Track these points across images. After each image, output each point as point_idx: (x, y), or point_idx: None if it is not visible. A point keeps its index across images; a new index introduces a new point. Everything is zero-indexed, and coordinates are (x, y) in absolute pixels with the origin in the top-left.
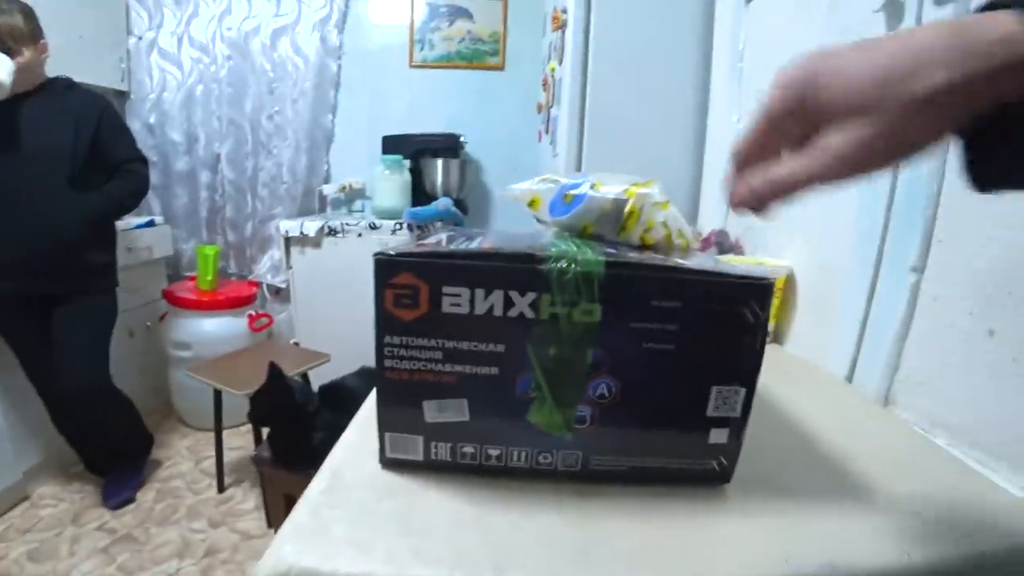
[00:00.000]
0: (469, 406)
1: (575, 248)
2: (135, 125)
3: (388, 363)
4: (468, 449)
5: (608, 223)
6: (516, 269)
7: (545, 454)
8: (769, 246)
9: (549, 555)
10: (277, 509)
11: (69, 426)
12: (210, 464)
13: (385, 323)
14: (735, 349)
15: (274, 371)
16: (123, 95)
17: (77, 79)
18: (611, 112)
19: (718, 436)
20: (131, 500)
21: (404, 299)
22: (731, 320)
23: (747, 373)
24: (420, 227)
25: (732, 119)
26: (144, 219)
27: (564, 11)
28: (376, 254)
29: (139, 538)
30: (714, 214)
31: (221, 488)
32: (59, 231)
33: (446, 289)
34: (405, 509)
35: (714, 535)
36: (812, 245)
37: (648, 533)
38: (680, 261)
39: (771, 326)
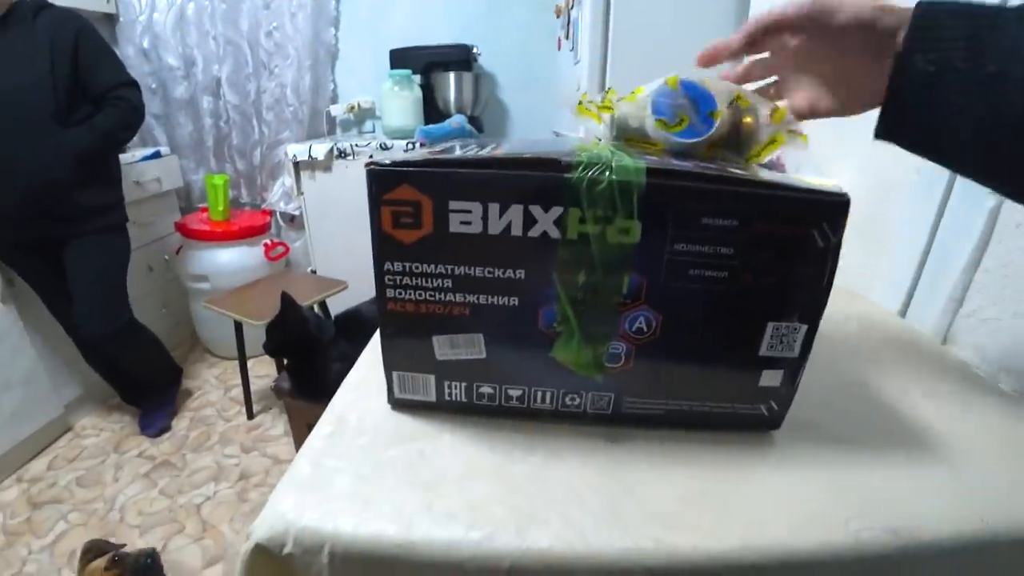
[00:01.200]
0: (485, 341)
1: (609, 153)
2: (128, 51)
3: (390, 293)
4: (486, 389)
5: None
6: (538, 179)
7: (572, 395)
8: (815, 162)
9: (576, 512)
10: (302, 437)
11: (97, 363)
12: (239, 392)
13: (384, 247)
14: (799, 279)
15: (286, 301)
16: (111, 18)
17: (58, 2)
18: (639, 9)
19: (770, 378)
20: (167, 429)
21: (404, 217)
22: (797, 244)
23: (810, 308)
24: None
25: None
26: (150, 150)
27: None
28: (368, 164)
29: (177, 464)
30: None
31: (250, 415)
32: (47, 173)
33: (454, 204)
34: (416, 457)
35: (762, 491)
36: (868, 161)
37: (687, 486)
38: (739, 171)
39: None
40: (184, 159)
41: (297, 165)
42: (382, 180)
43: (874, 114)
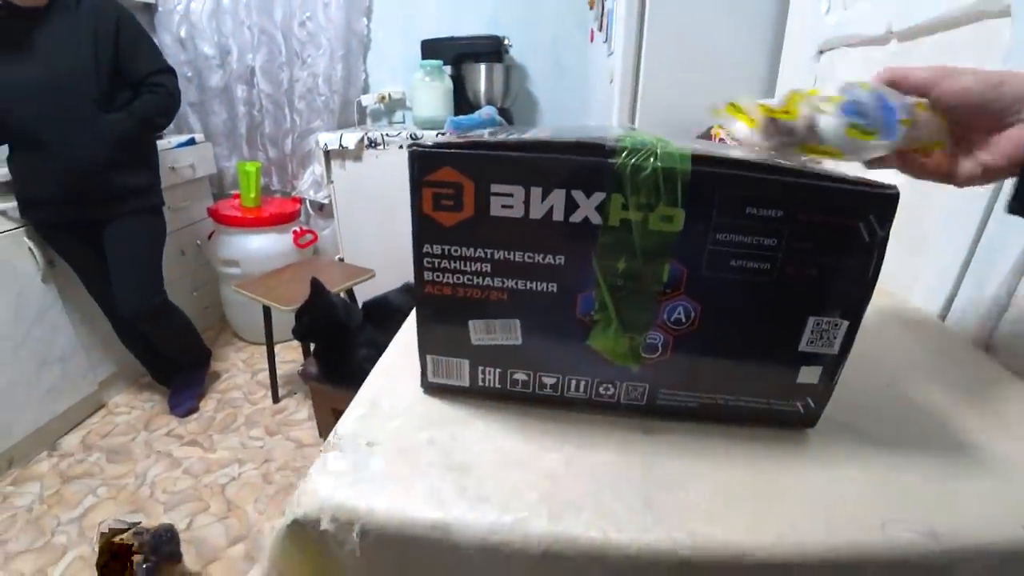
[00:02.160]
0: (521, 327)
1: (654, 140)
2: (166, 39)
3: (428, 276)
4: (520, 376)
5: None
6: (581, 163)
7: (607, 385)
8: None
9: (609, 500)
10: (326, 422)
11: (131, 341)
12: (265, 376)
13: (423, 229)
14: (843, 272)
15: (316, 287)
16: (150, 7)
17: None
18: (675, 1)
19: (809, 375)
20: (195, 410)
21: (445, 200)
22: (842, 236)
23: (853, 303)
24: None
25: (820, 8)
26: (185, 137)
27: None
28: (411, 145)
29: (203, 444)
30: None
31: (276, 399)
32: (89, 157)
33: (495, 187)
34: (449, 441)
35: (797, 488)
36: None
37: (721, 480)
38: (786, 162)
39: None
40: (218, 146)
41: (328, 154)
42: (424, 162)
43: None
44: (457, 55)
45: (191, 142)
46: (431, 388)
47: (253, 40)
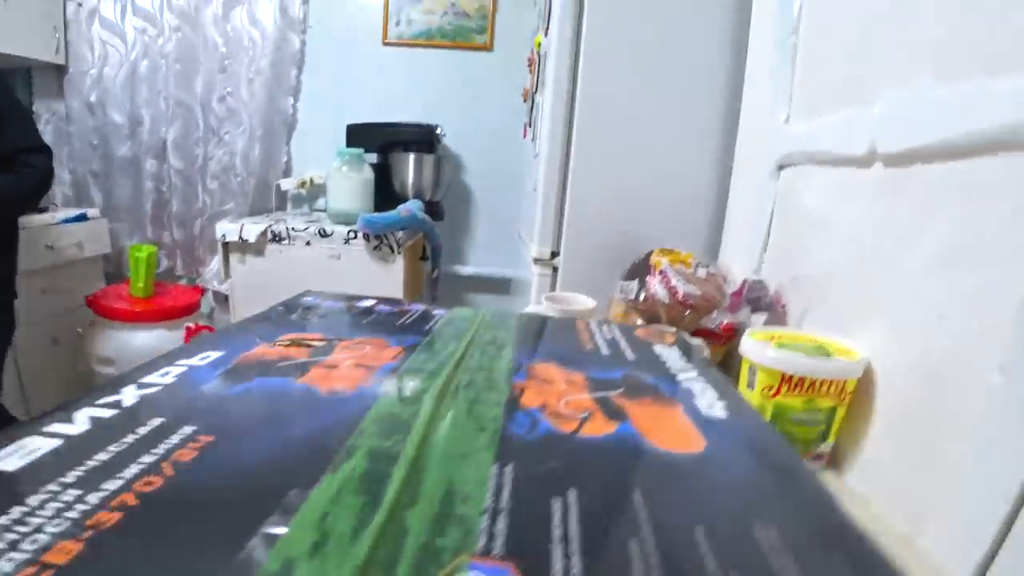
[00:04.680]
0: None
1: None
2: (73, 103)
3: None
4: None
5: None
6: None
7: None
8: (835, 317)
9: None
10: None
11: None
12: None
13: None
14: None
15: None
16: (60, 69)
17: (2, 51)
18: (609, 101)
19: None
20: None
21: None
22: None
23: None
24: (378, 236)
25: (779, 117)
26: (74, 212)
27: None
28: None
29: None
30: (745, 252)
31: None
32: None
33: None
34: None
35: None
36: (910, 331)
37: None
38: None
39: (829, 444)
40: (119, 222)
41: (226, 246)
42: None
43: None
44: (385, 143)
45: (82, 217)
46: None
47: (168, 112)
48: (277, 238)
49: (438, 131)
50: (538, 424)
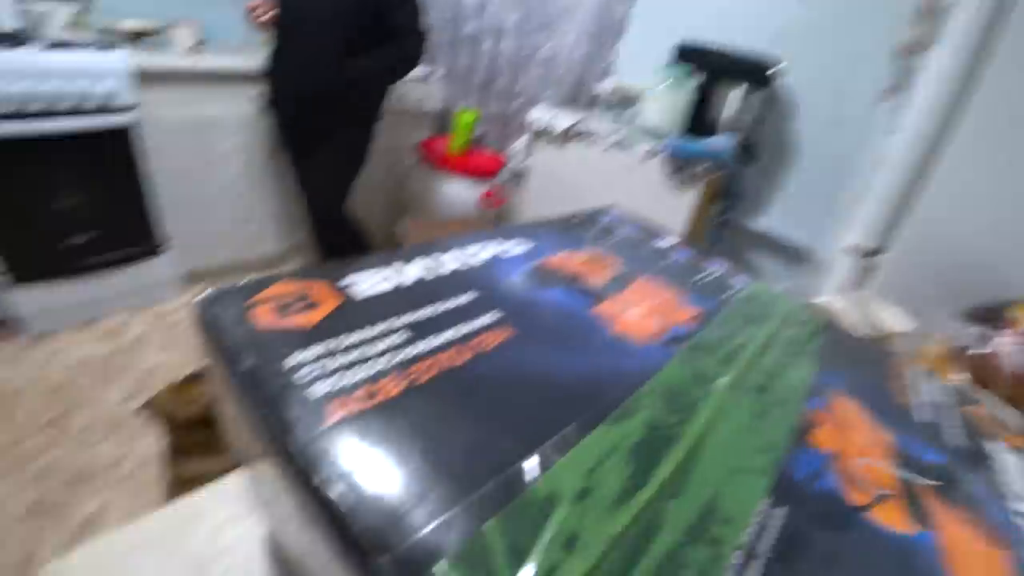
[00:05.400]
0: None
1: None
2: None
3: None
4: None
5: None
6: None
7: None
8: None
9: None
10: None
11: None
12: None
13: None
14: None
15: None
16: None
17: None
18: None
19: None
20: None
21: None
22: None
23: None
24: (679, 164)
25: None
26: (421, 72)
27: None
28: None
29: None
30: None
31: None
32: (323, 93)
33: None
34: None
35: None
36: None
37: None
38: None
39: None
40: (453, 87)
41: (534, 130)
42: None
43: None
44: (714, 68)
45: (425, 78)
46: None
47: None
48: (580, 135)
49: (778, 66)
50: (823, 476)
